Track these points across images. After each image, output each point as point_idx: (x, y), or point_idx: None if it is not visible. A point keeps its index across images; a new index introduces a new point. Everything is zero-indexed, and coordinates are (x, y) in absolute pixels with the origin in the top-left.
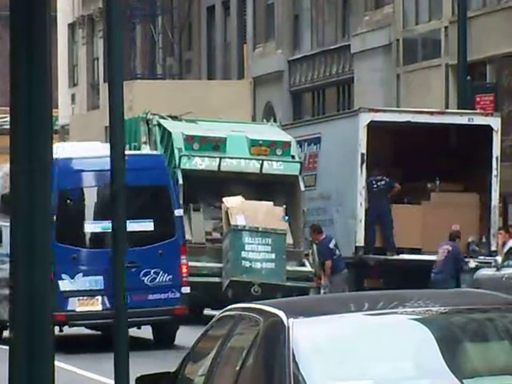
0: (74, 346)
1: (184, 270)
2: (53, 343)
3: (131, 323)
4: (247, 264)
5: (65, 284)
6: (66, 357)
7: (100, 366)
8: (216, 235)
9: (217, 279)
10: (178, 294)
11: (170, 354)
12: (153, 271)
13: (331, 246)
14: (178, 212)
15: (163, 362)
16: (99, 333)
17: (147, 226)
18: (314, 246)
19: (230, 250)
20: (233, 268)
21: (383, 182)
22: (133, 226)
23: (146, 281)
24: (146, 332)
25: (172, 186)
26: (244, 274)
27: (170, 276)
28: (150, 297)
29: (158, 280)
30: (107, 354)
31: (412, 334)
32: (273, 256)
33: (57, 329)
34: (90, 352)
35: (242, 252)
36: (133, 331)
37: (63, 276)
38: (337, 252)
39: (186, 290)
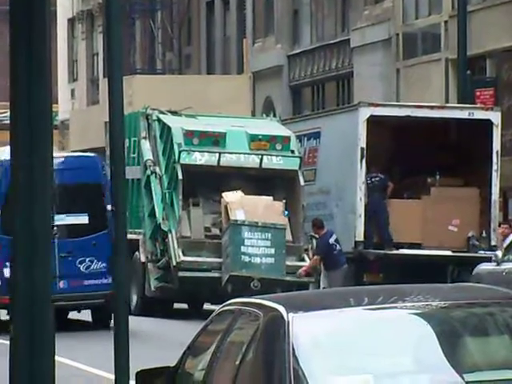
0: (73, 340)
1: None
2: (53, 338)
3: (70, 306)
4: (247, 259)
5: (8, 271)
6: (67, 351)
7: (100, 360)
8: (215, 231)
9: (216, 274)
10: (110, 280)
11: (169, 349)
12: (88, 259)
13: (331, 240)
14: (110, 207)
15: (160, 353)
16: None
17: (82, 219)
18: (314, 241)
19: (230, 244)
20: (232, 263)
21: (377, 179)
22: (69, 219)
23: (81, 268)
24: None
25: (105, 184)
26: (243, 269)
27: (104, 264)
28: (86, 282)
29: (92, 267)
30: (107, 349)
31: (412, 329)
32: (272, 251)
33: (5, 312)
34: (89, 346)
35: (242, 247)
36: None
37: (7, 264)
38: (337, 247)
39: None
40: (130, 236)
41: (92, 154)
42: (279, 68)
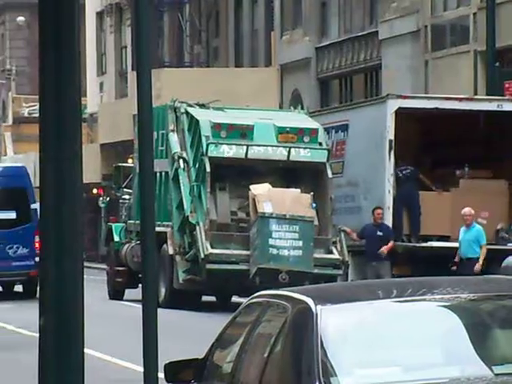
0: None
1: (37, 245)
2: (83, 330)
3: (1, 282)
4: (274, 251)
5: None
6: (95, 343)
7: (128, 352)
8: (242, 215)
9: (244, 266)
10: (33, 262)
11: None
12: (15, 246)
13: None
14: (34, 206)
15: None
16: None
17: (11, 215)
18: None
19: (258, 237)
20: (260, 255)
21: (408, 171)
22: (0, 215)
23: (10, 253)
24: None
25: (30, 188)
26: (271, 262)
27: (27, 249)
28: (13, 264)
29: (18, 252)
30: (136, 341)
31: (440, 321)
32: (300, 243)
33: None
34: (119, 338)
35: (270, 239)
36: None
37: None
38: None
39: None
40: (157, 229)
41: (20, 165)
42: (307, 60)
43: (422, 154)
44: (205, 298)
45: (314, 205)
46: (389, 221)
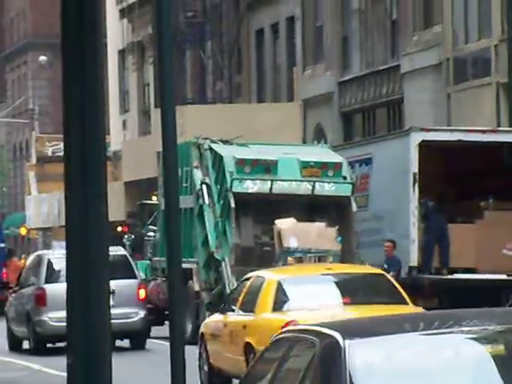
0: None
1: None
2: (110, 369)
3: None
4: None
5: None
6: (123, 381)
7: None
8: (265, 239)
9: None
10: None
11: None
12: None
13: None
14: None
15: None
16: None
17: None
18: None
19: None
20: None
21: (433, 203)
22: None
23: None
24: None
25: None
26: None
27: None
28: None
29: None
30: (164, 378)
31: (469, 354)
32: None
33: None
34: (147, 375)
35: None
36: None
37: None
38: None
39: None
40: (183, 265)
41: None
42: (329, 95)
43: (446, 186)
44: None
45: (340, 238)
46: (414, 253)
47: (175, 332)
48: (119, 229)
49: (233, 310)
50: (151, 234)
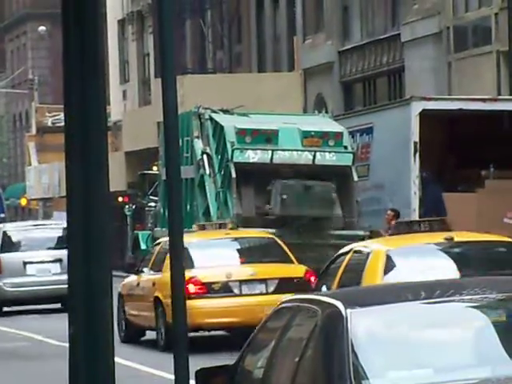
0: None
1: None
2: (112, 339)
3: None
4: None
5: None
6: (125, 352)
7: (158, 360)
8: (267, 209)
9: None
10: None
11: (227, 348)
12: None
13: None
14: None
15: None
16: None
17: None
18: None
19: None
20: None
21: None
22: None
23: None
24: None
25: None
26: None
27: None
28: None
29: None
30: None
31: (470, 322)
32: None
33: None
34: (147, 347)
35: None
36: None
37: None
38: None
39: None
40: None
41: None
42: (330, 64)
43: (447, 156)
44: None
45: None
46: None
47: (177, 301)
48: (120, 199)
49: (143, 272)
50: (152, 204)
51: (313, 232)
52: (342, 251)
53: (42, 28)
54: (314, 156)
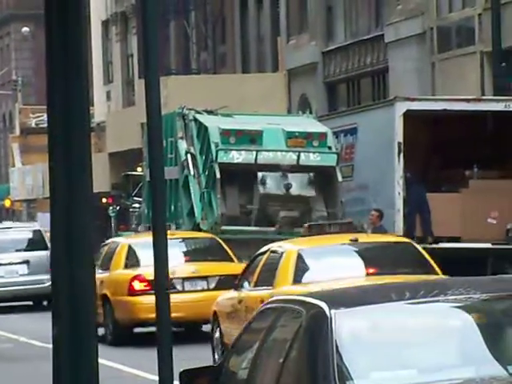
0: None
1: None
2: (96, 338)
3: None
4: None
5: None
6: (109, 353)
7: (142, 361)
8: (250, 207)
9: None
10: None
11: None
12: None
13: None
14: None
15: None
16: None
17: None
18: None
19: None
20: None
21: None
22: None
23: None
24: None
25: None
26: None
27: None
28: None
29: None
30: (150, 350)
31: (454, 322)
32: None
33: None
34: (131, 347)
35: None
36: None
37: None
38: None
39: None
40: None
41: None
42: (314, 65)
43: (431, 156)
44: None
45: None
46: (399, 222)
47: (161, 299)
48: (104, 200)
49: None
50: (136, 205)
51: (295, 229)
52: (260, 251)
53: (25, 29)
54: (299, 156)
